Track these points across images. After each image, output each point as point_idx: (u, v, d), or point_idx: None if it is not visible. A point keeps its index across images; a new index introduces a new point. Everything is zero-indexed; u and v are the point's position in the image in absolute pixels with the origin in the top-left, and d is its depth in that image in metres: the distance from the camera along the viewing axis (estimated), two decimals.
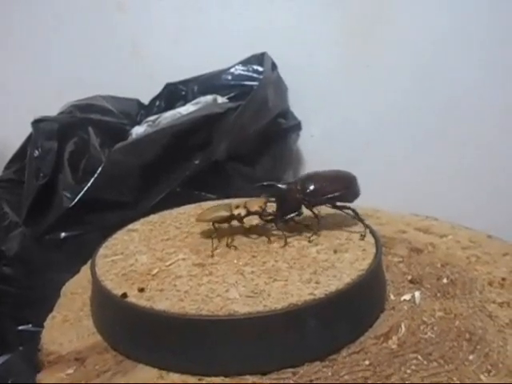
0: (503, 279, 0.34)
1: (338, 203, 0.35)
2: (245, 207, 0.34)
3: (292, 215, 0.35)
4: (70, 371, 0.27)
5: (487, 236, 0.40)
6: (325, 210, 0.37)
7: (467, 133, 0.65)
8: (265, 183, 0.38)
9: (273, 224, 0.35)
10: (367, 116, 0.69)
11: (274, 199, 0.35)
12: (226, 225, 0.35)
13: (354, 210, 0.35)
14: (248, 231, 0.35)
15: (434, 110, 0.66)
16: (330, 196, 0.35)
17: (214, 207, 0.36)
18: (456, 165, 0.66)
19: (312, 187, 0.34)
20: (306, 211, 0.35)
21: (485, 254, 0.37)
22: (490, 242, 0.39)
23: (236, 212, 0.34)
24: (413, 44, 0.65)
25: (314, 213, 0.35)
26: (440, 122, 0.66)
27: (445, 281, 0.34)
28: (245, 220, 0.35)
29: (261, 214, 0.34)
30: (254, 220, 0.36)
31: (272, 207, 0.35)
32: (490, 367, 0.26)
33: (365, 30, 0.68)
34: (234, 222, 0.35)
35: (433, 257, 0.37)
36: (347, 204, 0.35)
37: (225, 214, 0.34)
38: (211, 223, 0.35)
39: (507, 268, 0.35)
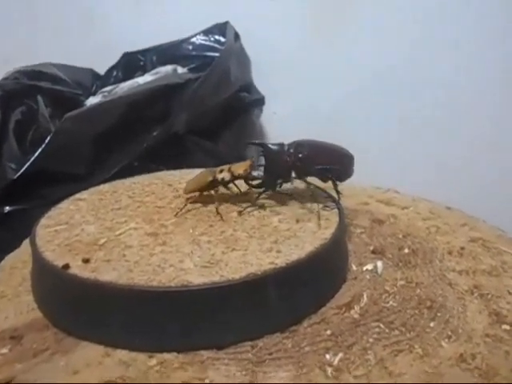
0: (462, 248, 0.34)
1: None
2: (229, 171, 0.31)
3: (279, 181, 0.31)
4: (5, 351, 0.25)
5: (446, 207, 0.40)
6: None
7: (427, 110, 0.65)
8: (256, 141, 0.35)
9: (260, 190, 0.32)
10: (331, 93, 0.68)
11: (261, 163, 0.32)
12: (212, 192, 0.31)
13: (333, 181, 0.32)
14: (233, 198, 0.32)
15: (398, 88, 0.66)
16: (322, 167, 0.31)
17: (198, 175, 0.33)
18: (417, 142, 0.67)
19: (306, 153, 0.31)
20: None
21: (444, 224, 0.37)
22: (449, 213, 0.39)
23: (220, 176, 0.31)
24: (378, 21, 0.64)
25: (305, 181, 0.31)
26: (402, 99, 0.66)
27: (406, 251, 0.33)
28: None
29: (246, 177, 0.31)
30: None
31: (259, 171, 0.32)
32: (450, 333, 0.26)
33: (331, 5, 0.66)
34: (221, 189, 0.32)
35: (394, 228, 0.37)
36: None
37: (208, 179, 0.31)
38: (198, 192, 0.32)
39: (465, 238, 0.35)
